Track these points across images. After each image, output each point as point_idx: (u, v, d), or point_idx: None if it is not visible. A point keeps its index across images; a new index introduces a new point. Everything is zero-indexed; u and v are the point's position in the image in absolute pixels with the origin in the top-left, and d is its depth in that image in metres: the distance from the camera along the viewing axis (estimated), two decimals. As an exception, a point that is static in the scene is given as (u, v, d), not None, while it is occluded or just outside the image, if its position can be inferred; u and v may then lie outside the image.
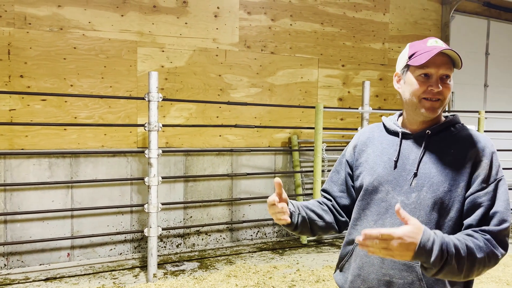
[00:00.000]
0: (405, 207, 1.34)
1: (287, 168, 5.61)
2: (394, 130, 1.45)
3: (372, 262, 1.38)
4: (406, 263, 1.32)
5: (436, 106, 1.34)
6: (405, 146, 1.41)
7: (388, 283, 1.34)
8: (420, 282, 1.30)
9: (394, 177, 1.38)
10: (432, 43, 1.36)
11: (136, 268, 4.34)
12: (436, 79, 1.33)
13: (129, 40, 4.71)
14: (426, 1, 6.55)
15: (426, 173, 1.34)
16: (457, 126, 1.40)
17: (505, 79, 7.31)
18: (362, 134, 1.56)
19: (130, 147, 4.76)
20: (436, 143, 1.37)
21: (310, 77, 5.75)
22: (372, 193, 1.42)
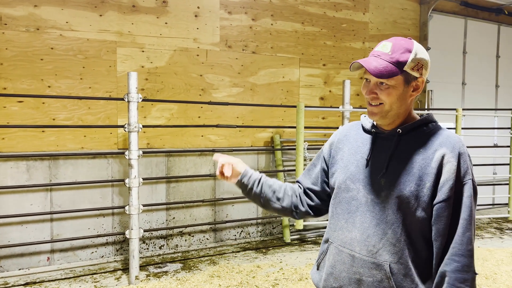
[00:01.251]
0: (375, 205, 1.35)
1: (270, 167, 5.63)
2: (368, 129, 1.47)
3: (344, 261, 1.39)
4: (375, 262, 1.33)
5: (375, 111, 1.35)
6: (377, 145, 1.42)
7: (358, 281, 1.36)
8: (389, 280, 1.31)
9: (365, 175, 1.39)
10: (379, 48, 1.37)
11: (118, 270, 4.29)
12: (373, 85, 1.35)
13: (108, 40, 4.65)
14: (405, 1, 6.64)
15: (395, 172, 1.34)
16: (430, 125, 1.40)
17: (482, 77, 7.47)
18: (341, 132, 1.58)
19: (110, 148, 4.70)
20: (407, 142, 1.37)
21: (292, 76, 5.77)
22: (344, 191, 1.43)
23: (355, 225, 1.38)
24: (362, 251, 1.35)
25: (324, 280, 1.45)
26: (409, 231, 1.32)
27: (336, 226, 1.44)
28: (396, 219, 1.32)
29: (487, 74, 7.56)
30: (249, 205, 5.52)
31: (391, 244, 1.32)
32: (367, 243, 1.35)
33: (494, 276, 4.11)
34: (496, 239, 5.56)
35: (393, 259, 1.32)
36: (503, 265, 4.43)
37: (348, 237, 1.39)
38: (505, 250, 4.97)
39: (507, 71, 7.76)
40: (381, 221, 1.33)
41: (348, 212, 1.40)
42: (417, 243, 1.33)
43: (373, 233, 1.34)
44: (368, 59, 1.34)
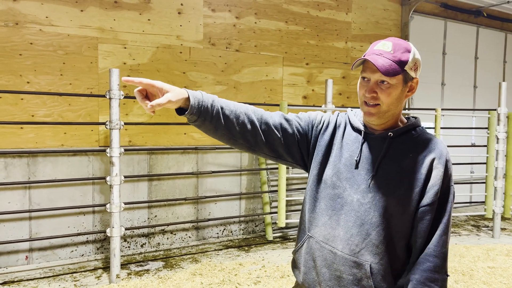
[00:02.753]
0: (360, 206, 1.36)
1: (253, 165, 5.64)
2: (358, 128, 1.44)
3: (325, 257, 1.40)
4: (356, 261, 1.35)
5: (373, 112, 1.34)
6: (366, 145, 1.41)
7: (338, 278, 1.37)
8: (368, 279, 1.34)
9: (353, 175, 1.39)
10: (379, 46, 1.34)
11: (98, 269, 4.25)
12: (372, 84, 1.32)
13: (89, 36, 4.58)
14: (387, 2, 6.73)
15: (385, 175, 1.35)
16: (418, 129, 1.42)
17: (460, 78, 7.64)
18: (337, 118, 1.51)
19: (91, 145, 4.64)
20: (397, 146, 1.38)
21: (275, 75, 5.79)
22: (330, 187, 1.42)
23: (339, 223, 1.38)
24: (345, 249, 1.36)
25: (304, 273, 1.46)
26: (393, 233, 1.35)
27: (318, 221, 1.43)
28: (382, 222, 1.33)
29: (466, 75, 7.72)
30: (232, 203, 5.52)
31: (373, 245, 1.34)
32: (350, 242, 1.36)
33: (470, 272, 4.22)
34: (473, 236, 5.70)
35: (374, 259, 1.34)
36: (479, 262, 4.55)
37: (331, 234, 1.39)
38: (481, 247, 5.11)
39: (485, 72, 7.95)
40: (365, 222, 1.35)
41: (333, 209, 1.40)
42: (398, 246, 1.36)
43: (357, 233, 1.35)
44: (373, 57, 1.30)
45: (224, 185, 5.44)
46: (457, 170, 7.01)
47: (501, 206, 5.55)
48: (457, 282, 3.94)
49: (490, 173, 5.52)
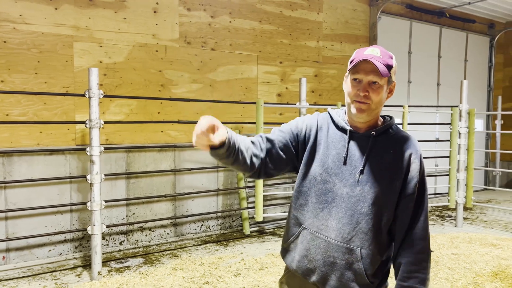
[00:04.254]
0: (350, 198, 1.52)
1: (229, 162, 5.75)
2: (343, 127, 1.59)
3: (319, 245, 1.55)
4: (348, 247, 1.51)
5: (364, 108, 1.49)
6: (352, 143, 1.56)
7: (331, 263, 1.53)
8: (359, 263, 1.51)
9: (342, 171, 1.54)
10: (368, 51, 1.50)
11: (78, 267, 4.26)
12: (364, 85, 1.48)
13: (64, 35, 4.56)
14: (356, 2, 6.98)
15: (371, 170, 1.52)
16: (394, 127, 1.59)
17: (425, 76, 8.01)
18: (317, 122, 1.63)
19: (68, 144, 4.63)
20: (379, 143, 1.55)
21: (250, 73, 5.92)
22: (321, 182, 1.56)
23: (331, 215, 1.54)
24: (337, 237, 1.52)
25: (298, 261, 1.60)
26: (379, 221, 1.52)
27: (311, 214, 1.58)
28: (370, 211, 1.50)
29: (430, 73, 8.11)
30: (210, 199, 5.63)
31: (363, 232, 1.51)
32: (342, 231, 1.52)
33: (436, 259, 4.50)
34: (437, 226, 6.05)
35: (364, 245, 1.51)
36: (444, 249, 4.86)
37: (324, 224, 1.55)
38: (445, 235, 5.43)
39: (447, 70, 8.38)
40: (355, 212, 1.51)
41: (325, 202, 1.55)
42: (383, 232, 1.54)
43: (348, 222, 1.52)
44: (373, 60, 1.45)
45: (201, 182, 5.53)
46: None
47: (463, 197, 5.92)
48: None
49: (453, 166, 5.87)
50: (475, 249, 4.80)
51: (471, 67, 8.87)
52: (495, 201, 7.89)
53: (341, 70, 6.82)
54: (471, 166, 5.87)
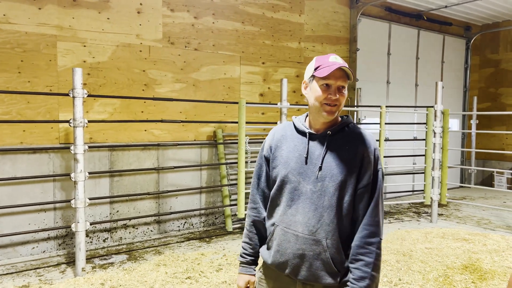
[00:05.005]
0: (313, 194, 1.66)
1: (213, 160, 5.87)
2: (303, 130, 1.75)
3: (289, 240, 1.69)
4: (314, 239, 1.65)
5: (334, 110, 1.66)
6: (311, 144, 1.71)
7: (301, 255, 1.67)
8: (325, 252, 1.65)
9: (304, 170, 1.69)
10: (332, 59, 1.66)
11: (62, 264, 4.32)
12: (335, 89, 1.65)
13: (48, 34, 4.60)
14: (337, 5, 7.16)
15: (328, 167, 1.66)
16: (350, 125, 1.74)
17: (403, 76, 8.25)
18: (277, 132, 1.85)
19: (52, 143, 4.67)
20: (335, 141, 1.70)
21: (233, 73, 6.04)
22: (287, 183, 1.71)
23: (298, 211, 1.69)
24: (304, 231, 1.66)
25: (272, 256, 1.75)
26: (340, 213, 1.66)
27: (282, 212, 1.73)
28: (331, 204, 1.65)
29: (408, 74, 8.35)
30: (193, 197, 5.73)
31: (326, 224, 1.65)
32: (308, 224, 1.66)
33: (410, 253, 4.70)
34: (414, 222, 6.27)
35: (328, 235, 1.65)
36: (419, 244, 5.07)
37: (292, 220, 1.69)
38: (420, 230, 5.66)
39: (425, 71, 8.63)
40: (318, 206, 1.66)
41: (292, 200, 1.70)
42: (345, 222, 1.67)
43: (313, 216, 1.66)
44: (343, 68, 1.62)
45: (184, 180, 5.63)
46: (401, 162, 7.61)
47: (438, 194, 6.15)
48: (398, 262, 4.40)
49: (428, 164, 6.10)
50: (447, 244, 5.02)
51: (448, 68, 9.16)
52: (469, 198, 8.18)
53: (322, 70, 6.98)
54: (446, 164, 6.10)
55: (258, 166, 1.88)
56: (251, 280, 1.82)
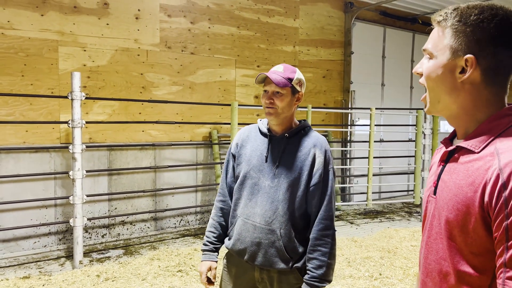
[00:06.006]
0: (270, 188, 1.88)
1: (208, 160, 6.08)
2: (264, 132, 1.98)
3: (248, 229, 1.90)
4: (270, 228, 1.86)
5: (271, 112, 1.88)
6: (272, 144, 1.94)
7: (258, 243, 1.88)
8: (279, 241, 1.85)
9: (264, 167, 1.91)
10: (274, 68, 1.91)
11: (61, 258, 4.56)
12: (270, 94, 1.88)
13: (49, 39, 4.85)
14: (331, 9, 7.34)
15: (284, 165, 1.88)
16: (306, 129, 1.96)
17: (398, 79, 8.41)
18: (244, 133, 2.07)
19: (53, 143, 4.92)
20: (291, 142, 1.92)
21: (228, 76, 6.25)
22: (249, 178, 1.93)
23: (257, 203, 1.90)
24: (262, 221, 1.88)
25: (233, 244, 1.96)
26: (293, 206, 1.87)
27: (243, 204, 1.94)
28: (285, 198, 1.86)
29: (403, 77, 8.50)
30: (189, 195, 5.95)
31: (280, 215, 1.86)
32: (265, 215, 1.87)
33: (395, 250, 4.88)
34: (404, 221, 6.44)
35: (282, 226, 1.85)
36: (405, 242, 5.24)
37: (252, 212, 1.91)
38: (409, 229, 5.82)
39: (420, 74, 8.76)
40: (274, 200, 1.87)
41: (252, 194, 1.92)
42: (297, 214, 1.88)
43: (269, 209, 1.87)
44: (271, 74, 1.86)
45: (181, 179, 5.85)
46: (395, 163, 7.78)
47: (427, 194, 6.31)
48: (382, 258, 4.57)
49: (418, 164, 6.26)
50: (433, 242, 5.18)
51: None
52: (463, 199, 8.29)
53: (317, 73, 7.18)
54: (435, 165, 6.25)
55: (226, 162, 2.10)
56: (212, 266, 2.02)
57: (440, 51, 1.04)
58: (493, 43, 0.98)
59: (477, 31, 0.98)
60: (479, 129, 1.02)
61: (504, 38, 0.98)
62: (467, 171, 0.99)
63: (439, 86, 1.05)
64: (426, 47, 1.08)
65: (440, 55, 1.04)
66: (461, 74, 1.01)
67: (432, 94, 1.08)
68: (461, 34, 1.00)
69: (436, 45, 1.05)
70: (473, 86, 1.02)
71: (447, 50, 1.03)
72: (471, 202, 0.96)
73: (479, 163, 0.97)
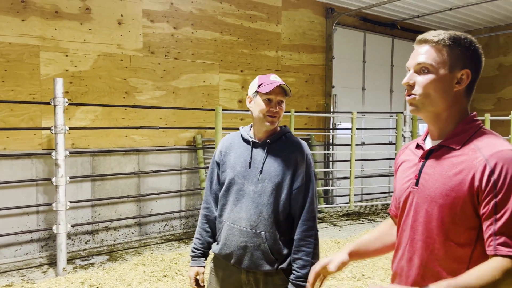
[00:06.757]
0: (255, 193, 1.93)
1: (192, 164, 6.10)
2: (247, 139, 2.03)
3: (234, 234, 1.95)
4: (255, 232, 1.91)
5: (275, 120, 1.96)
6: (254, 151, 2.00)
7: (244, 247, 1.93)
8: (264, 244, 1.90)
9: (248, 173, 1.96)
10: (273, 78, 1.97)
11: (44, 265, 4.51)
12: (275, 103, 1.95)
13: (31, 45, 4.80)
14: (313, 15, 7.46)
15: (267, 170, 1.94)
16: (287, 135, 2.03)
17: (378, 83, 8.59)
18: (227, 140, 2.12)
19: (34, 149, 4.86)
20: (274, 148, 1.98)
21: (212, 81, 6.29)
22: (234, 185, 1.98)
23: (242, 208, 1.95)
24: (247, 226, 1.93)
25: (220, 248, 2.01)
26: (277, 209, 1.92)
27: (229, 210, 1.99)
28: (269, 202, 1.92)
29: (383, 81, 8.69)
30: (173, 200, 5.95)
31: (265, 219, 1.91)
32: (250, 220, 1.93)
33: (377, 251, 4.98)
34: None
35: (267, 229, 1.91)
36: (387, 242, 5.35)
37: (237, 217, 1.96)
38: (391, 230, 5.94)
39: (399, 78, 8.98)
40: (258, 204, 1.92)
41: (237, 199, 1.97)
42: (281, 217, 1.94)
43: (254, 213, 1.93)
44: (282, 85, 1.93)
45: (165, 184, 5.85)
46: (377, 165, 7.93)
47: (408, 195, 6.46)
48: (365, 259, 4.67)
49: (399, 167, 6.40)
50: (413, 242, 5.31)
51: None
52: (442, 200, 8.50)
53: (299, 78, 7.28)
54: (415, 167, 6.41)
55: (210, 171, 2.14)
56: (200, 271, 2.06)
57: (439, 65, 1.25)
58: (477, 62, 1.27)
59: (468, 52, 1.25)
60: (456, 131, 1.26)
61: (480, 59, 1.28)
62: (452, 163, 1.22)
63: (437, 93, 1.25)
64: (425, 61, 1.28)
65: (440, 68, 1.25)
66: (457, 85, 1.26)
67: (428, 99, 1.26)
68: (457, 53, 1.25)
69: (436, 61, 1.26)
70: (460, 95, 1.27)
71: (446, 65, 1.25)
72: (459, 187, 1.18)
73: (463, 157, 1.20)
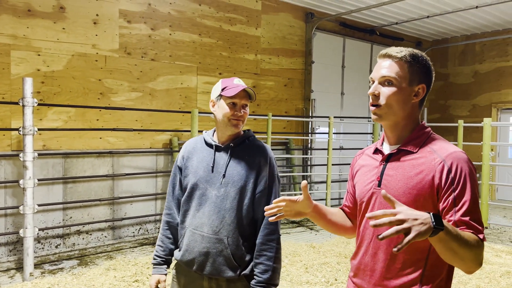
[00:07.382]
0: (217, 198, 1.89)
1: (168, 167, 6.02)
2: (210, 143, 1.99)
3: (196, 239, 1.91)
4: (217, 237, 1.87)
5: (239, 124, 1.92)
6: (217, 155, 1.96)
7: (206, 253, 1.89)
8: (227, 249, 1.87)
9: (211, 177, 1.92)
10: (237, 82, 1.93)
11: (11, 270, 4.38)
12: (240, 107, 1.91)
13: (1, 43, 4.67)
14: (292, 19, 7.49)
15: (230, 174, 1.91)
16: (250, 138, 2.00)
17: (358, 88, 8.66)
18: (189, 145, 2.07)
19: (3, 150, 4.73)
20: (237, 152, 1.95)
21: (190, 83, 6.24)
22: (196, 190, 1.94)
23: (204, 214, 1.91)
24: (209, 231, 1.89)
25: (181, 255, 1.96)
26: (240, 214, 1.89)
27: (191, 215, 1.95)
28: (232, 207, 1.88)
29: (362, 86, 8.76)
30: (148, 203, 5.86)
31: (227, 224, 1.88)
32: (212, 225, 1.89)
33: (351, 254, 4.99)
34: (362, 226, 6.60)
35: (229, 234, 1.87)
36: (362, 247, 5.37)
37: (199, 222, 1.92)
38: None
39: (378, 83, 9.07)
40: (221, 209, 1.89)
41: (200, 204, 1.93)
42: (245, 222, 1.90)
43: (216, 218, 1.89)
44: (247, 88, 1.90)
45: (140, 187, 5.76)
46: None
47: (384, 200, 6.52)
48: (339, 264, 4.67)
49: (375, 171, 6.46)
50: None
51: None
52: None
53: (278, 82, 7.29)
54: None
55: (173, 176, 2.08)
56: (161, 279, 2.00)
57: (401, 79, 1.40)
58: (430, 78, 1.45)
59: (424, 69, 1.42)
60: (411, 137, 1.43)
61: (432, 75, 1.46)
62: (413, 165, 1.38)
63: (398, 104, 1.40)
64: (389, 74, 1.40)
65: (402, 82, 1.40)
66: (415, 97, 1.42)
67: (390, 110, 1.40)
68: (416, 69, 1.41)
69: (398, 74, 1.40)
70: (415, 106, 1.45)
71: (407, 79, 1.41)
72: (421, 185, 1.33)
73: (422, 159, 1.37)
